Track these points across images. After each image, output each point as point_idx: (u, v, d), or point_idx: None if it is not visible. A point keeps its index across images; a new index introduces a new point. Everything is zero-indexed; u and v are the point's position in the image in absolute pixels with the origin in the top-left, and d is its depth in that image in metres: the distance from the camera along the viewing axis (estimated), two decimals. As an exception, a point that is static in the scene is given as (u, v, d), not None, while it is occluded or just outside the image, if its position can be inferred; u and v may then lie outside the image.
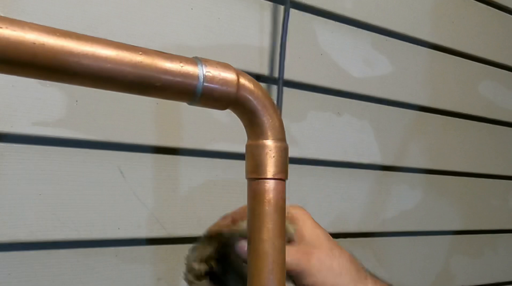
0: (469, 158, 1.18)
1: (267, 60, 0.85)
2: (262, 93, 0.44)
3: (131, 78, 0.37)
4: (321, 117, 0.92)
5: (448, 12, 1.13)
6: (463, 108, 1.16)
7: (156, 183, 0.74)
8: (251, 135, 0.45)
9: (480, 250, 1.21)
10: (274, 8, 0.86)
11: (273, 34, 0.86)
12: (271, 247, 0.43)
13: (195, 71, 0.40)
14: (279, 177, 0.44)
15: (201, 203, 0.78)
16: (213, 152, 0.79)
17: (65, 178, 0.67)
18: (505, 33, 1.26)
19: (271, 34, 0.86)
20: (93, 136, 0.69)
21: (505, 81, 1.26)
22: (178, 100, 0.41)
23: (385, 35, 1.02)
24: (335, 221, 0.94)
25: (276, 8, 0.86)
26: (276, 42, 0.86)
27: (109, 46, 0.36)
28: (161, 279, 0.74)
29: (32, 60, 0.33)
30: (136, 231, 0.72)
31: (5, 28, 0.31)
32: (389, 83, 1.02)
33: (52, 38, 0.33)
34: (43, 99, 0.65)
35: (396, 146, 1.04)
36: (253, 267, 0.44)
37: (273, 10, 0.86)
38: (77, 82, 0.36)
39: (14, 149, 0.64)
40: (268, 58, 0.85)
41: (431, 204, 1.10)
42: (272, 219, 0.44)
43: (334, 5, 0.93)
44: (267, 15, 0.85)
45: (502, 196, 1.26)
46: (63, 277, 0.67)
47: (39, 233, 0.65)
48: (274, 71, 0.86)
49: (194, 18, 0.78)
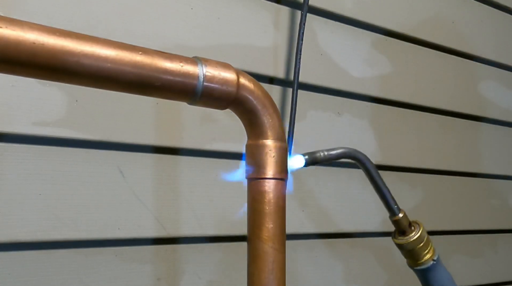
0: (469, 158, 1.18)
1: (271, 61, 0.85)
2: (262, 93, 0.44)
3: (131, 78, 0.37)
4: (321, 117, 0.92)
5: (448, 12, 1.13)
6: (463, 108, 1.16)
7: (156, 183, 0.74)
8: (251, 135, 0.45)
9: (480, 250, 1.21)
10: (276, 9, 0.86)
11: (277, 35, 0.86)
12: (271, 247, 0.43)
13: (195, 71, 0.40)
14: (279, 176, 0.44)
15: (201, 203, 0.78)
16: (213, 151, 0.79)
17: (65, 178, 0.67)
18: (505, 33, 1.25)
19: (275, 36, 0.86)
20: (93, 136, 0.69)
21: (505, 81, 1.26)
22: (178, 100, 0.41)
23: (385, 35, 1.02)
24: (335, 221, 0.94)
25: (278, 8, 0.86)
26: (279, 42, 0.86)
27: (109, 46, 0.36)
28: (161, 279, 0.74)
29: (32, 60, 0.33)
30: (136, 231, 0.72)
31: (5, 28, 0.31)
32: (389, 83, 1.02)
33: (52, 38, 0.33)
34: (43, 99, 0.65)
35: (396, 146, 1.04)
36: (253, 267, 0.44)
37: (276, 10, 0.86)
38: (77, 82, 0.36)
39: (14, 149, 0.64)
40: (272, 59, 0.85)
41: (431, 204, 1.10)
42: (272, 219, 0.44)
43: (334, 5, 0.93)
44: (268, 15, 0.85)
45: (502, 196, 1.26)
46: (63, 277, 0.67)
47: (39, 233, 0.65)
48: (278, 72, 0.86)
49: (194, 18, 0.78)
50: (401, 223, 0.63)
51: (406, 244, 0.63)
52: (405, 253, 0.65)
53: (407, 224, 0.63)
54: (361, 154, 0.61)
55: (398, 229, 0.64)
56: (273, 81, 0.87)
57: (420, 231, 0.64)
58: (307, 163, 0.55)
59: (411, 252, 0.64)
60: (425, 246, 0.64)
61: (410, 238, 0.63)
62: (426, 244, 0.64)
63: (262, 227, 0.43)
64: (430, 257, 0.64)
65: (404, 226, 0.63)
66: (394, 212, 0.63)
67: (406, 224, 0.63)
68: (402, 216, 0.63)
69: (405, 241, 0.63)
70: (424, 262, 0.64)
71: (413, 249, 0.63)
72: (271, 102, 0.44)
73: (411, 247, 0.63)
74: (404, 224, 0.63)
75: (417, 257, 0.64)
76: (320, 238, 0.93)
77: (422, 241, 0.64)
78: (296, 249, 0.89)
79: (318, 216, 0.92)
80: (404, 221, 0.63)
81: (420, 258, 0.64)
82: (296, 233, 0.88)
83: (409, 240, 0.63)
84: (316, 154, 0.55)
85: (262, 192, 0.44)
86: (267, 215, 0.44)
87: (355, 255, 0.97)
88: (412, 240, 0.63)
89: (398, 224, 0.63)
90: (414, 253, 0.64)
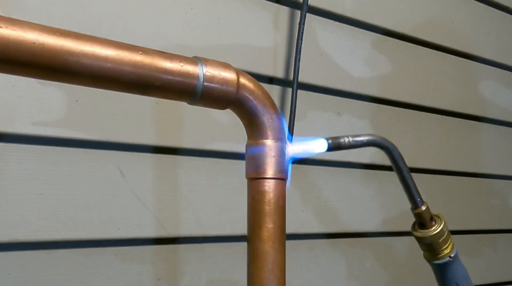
0: (469, 158, 1.18)
1: (271, 61, 0.85)
2: (262, 93, 0.44)
3: (131, 77, 0.37)
4: (321, 117, 0.92)
5: (448, 12, 1.13)
6: (463, 108, 1.16)
7: (156, 183, 0.74)
8: (251, 135, 0.45)
9: (480, 250, 1.21)
10: (276, 9, 0.86)
11: (276, 35, 0.86)
12: (271, 247, 0.43)
13: (195, 71, 0.40)
14: (279, 176, 0.44)
15: (201, 203, 0.78)
16: (213, 151, 0.79)
17: (65, 178, 0.67)
18: (505, 33, 1.25)
19: (274, 35, 0.86)
20: (93, 136, 0.69)
21: (505, 81, 1.26)
22: (178, 100, 0.41)
23: (385, 35, 1.02)
24: (335, 221, 0.94)
25: (278, 8, 0.86)
26: (281, 43, 0.86)
27: (109, 46, 0.36)
28: (161, 279, 0.74)
29: (32, 60, 0.33)
30: (136, 231, 0.72)
31: (5, 28, 0.31)
32: (389, 83, 1.02)
33: (52, 37, 0.33)
34: (43, 99, 0.65)
35: (396, 146, 1.04)
36: (253, 267, 0.44)
37: (276, 10, 0.86)
38: (77, 82, 0.36)
39: (14, 149, 0.64)
40: (272, 59, 0.85)
41: (431, 204, 1.09)
42: (272, 219, 0.44)
43: (335, 5, 0.93)
44: (268, 15, 0.85)
45: (502, 196, 1.26)
46: (63, 277, 0.67)
47: (39, 233, 0.65)
48: (277, 72, 0.86)
49: (194, 18, 0.78)
50: (423, 216, 0.62)
51: (426, 238, 0.62)
52: (424, 246, 0.64)
53: (429, 217, 0.62)
54: (388, 142, 0.59)
55: (418, 221, 0.63)
56: (272, 81, 0.87)
57: (441, 225, 0.62)
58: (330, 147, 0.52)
59: (430, 245, 0.63)
60: (444, 241, 0.63)
61: (430, 232, 0.62)
62: (446, 239, 0.63)
63: (262, 227, 0.43)
64: (448, 252, 0.63)
65: (426, 219, 0.62)
66: (417, 204, 0.61)
67: (428, 217, 0.62)
68: (424, 209, 0.61)
69: (426, 234, 0.62)
70: (442, 256, 0.63)
71: (432, 243, 0.62)
72: (271, 102, 0.44)
73: (430, 241, 0.62)
74: (426, 217, 0.62)
75: (436, 251, 0.63)
76: (320, 238, 0.93)
77: (443, 235, 0.62)
78: (296, 249, 0.89)
79: (318, 216, 0.92)
80: (426, 214, 0.62)
81: (439, 253, 0.63)
82: (296, 233, 0.88)
83: (430, 234, 0.62)
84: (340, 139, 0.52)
85: (262, 191, 0.44)
86: (267, 215, 0.44)
87: (355, 255, 0.97)
88: (432, 234, 0.62)
89: (420, 217, 0.62)
90: (433, 247, 0.63)
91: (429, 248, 0.63)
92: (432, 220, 0.62)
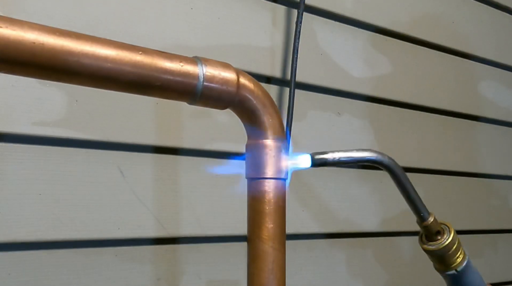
0: (469, 158, 1.18)
1: (270, 61, 0.85)
2: (262, 92, 0.44)
3: (130, 77, 0.37)
4: (321, 117, 0.92)
5: (448, 12, 1.13)
6: (463, 108, 1.16)
7: (156, 183, 0.74)
8: (251, 135, 0.45)
9: (480, 250, 1.21)
10: (274, 8, 0.86)
11: (274, 35, 0.86)
12: (271, 247, 0.43)
13: (195, 71, 0.40)
14: (279, 176, 0.44)
15: (201, 203, 0.78)
16: (213, 151, 0.79)
17: (65, 178, 0.67)
18: (505, 33, 1.25)
19: (272, 35, 0.86)
20: (93, 136, 0.69)
21: (505, 81, 1.26)
22: (178, 99, 0.41)
23: (385, 35, 1.02)
24: (335, 221, 0.94)
25: (276, 8, 0.86)
26: (279, 43, 0.86)
27: (109, 46, 0.36)
28: (161, 279, 0.74)
29: (32, 60, 0.33)
30: (136, 231, 0.72)
31: (5, 28, 0.31)
32: (389, 83, 1.02)
33: (51, 37, 0.33)
34: (43, 99, 0.65)
35: (396, 146, 1.04)
36: (253, 267, 0.44)
37: (273, 9, 0.86)
38: (77, 81, 0.36)
39: (14, 149, 0.64)
40: (270, 58, 0.85)
41: (431, 204, 1.09)
42: (272, 219, 0.44)
43: (334, 5, 0.93)
44: (268, 15, 0.85)
45: (502, 196, 1.26)
46: (63, 277, 0.67)
47: (39, 233, 0.65)
48: (275, 71, 0.86)
49: (194, 18, 0.78)
50: (431, 228, 0.57)
51: (437, 251, 0.57)
52: (434, 258, 0.58)
53: (437, 228, 0.57)
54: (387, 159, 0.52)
55: (425, 233, 0.58)
56: (270, 81, 0.87)
57: (451, 234, 0.57)
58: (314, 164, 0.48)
59: (441, 257, 0.57)
60: (456, 250, 0.58)
61: (441, 244, 0.57)
62: (458, 247, 0.58)
63: (262, 227, 0.43)
64: (460, 261, 0.58)
65: (434, 230, 0.57)
66: (424, 218, 0.56)
67: (436, 228, 0.57)
68: (432, 221, 0.56)
69: (436, 247, 0.57)
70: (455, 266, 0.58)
71: (443, 255, 0.57)
72: (271, 102, 0.44)
73: (442, 253, 0.57)
74: (434, 229, 0.57)
75: (448, 262, 0.58)
76: (320, 238, 0.93)
77: (454, 244, 0.57)
78: (296, 249, 0.89)
79: (318, 216, 0.92)
80: (434, 225, 0.57)
81: (451, 263, 0.58)
82: (296, 233, 0.88)
83: (440, 246, 0.57)
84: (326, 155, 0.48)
85: (262, 191, 0.44)
86: (267, 214, 0.44)
87: (355, 255, 0.97)
88: (443, 245, 0.56)
89: (428, 230, 0.57)
90: (444, 258, 0.57)
91: (442, 260, 0.58)
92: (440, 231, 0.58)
